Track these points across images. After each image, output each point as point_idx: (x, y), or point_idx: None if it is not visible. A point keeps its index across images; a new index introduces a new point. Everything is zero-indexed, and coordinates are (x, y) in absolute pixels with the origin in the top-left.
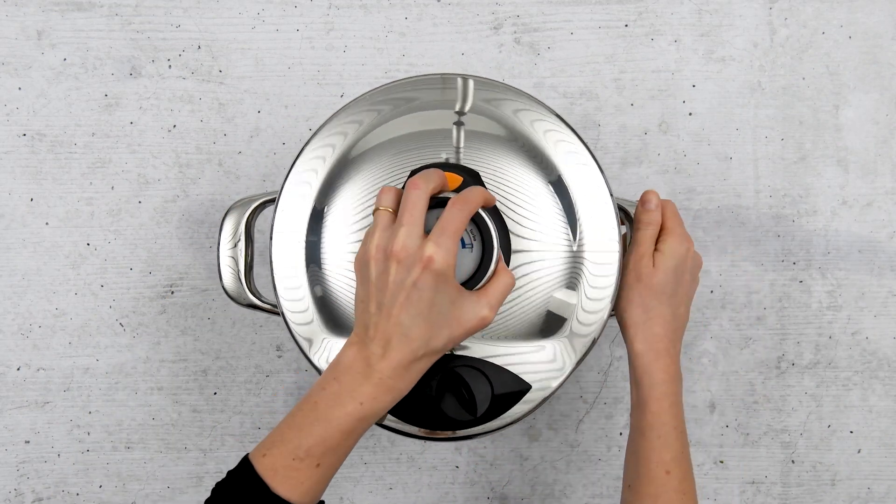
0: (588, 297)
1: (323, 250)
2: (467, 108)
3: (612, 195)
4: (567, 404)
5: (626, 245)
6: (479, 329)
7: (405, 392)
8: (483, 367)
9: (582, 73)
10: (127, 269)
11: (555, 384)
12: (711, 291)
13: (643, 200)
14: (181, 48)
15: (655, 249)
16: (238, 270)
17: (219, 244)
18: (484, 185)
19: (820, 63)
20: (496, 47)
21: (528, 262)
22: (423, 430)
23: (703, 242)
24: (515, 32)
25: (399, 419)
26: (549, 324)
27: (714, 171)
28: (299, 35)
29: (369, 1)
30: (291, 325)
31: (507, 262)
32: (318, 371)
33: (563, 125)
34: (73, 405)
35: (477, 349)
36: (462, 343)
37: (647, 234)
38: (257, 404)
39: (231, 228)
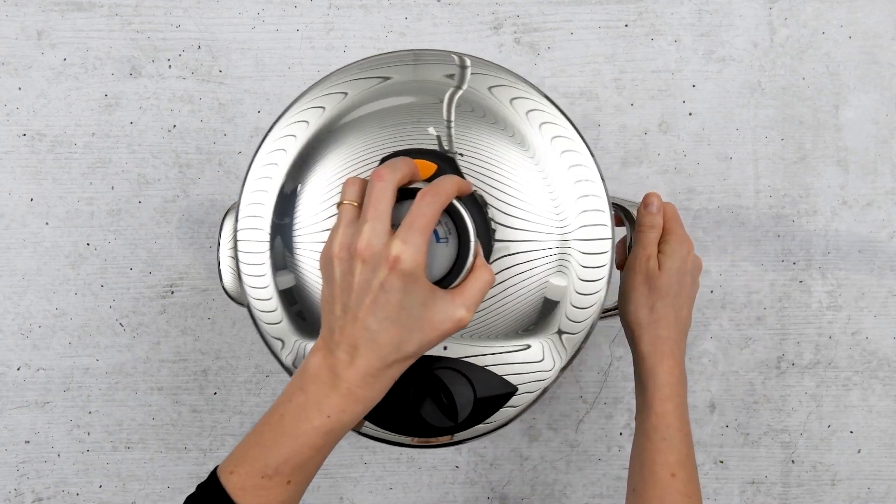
0: (578, 293)
1: (294, 237)
2: (460, 93)
3: (604, 183)
4: (567, 404)
5: (627, 247)
6: (455, 331)
7: (376, 401)
8: (464, 369)
9: (582, 73)
10: (127, 269)
11: (543, 385)
12: (711, 291)
13: (645, 203)
14: (181, 48)
15: (658, 251)
16: (238, 270)
17: (219, 244)
18: (460, 173)
19: (820, 63)
20: (496, 47)
21: (514, 254)
22: (401, 436)
23: (703, 242)
24: (515, 32)
25: (376, 426)
26: (537, 320)
27: (714, 171)
28: (299, 35)
29: (369, 1)
30: (258, 320)
31: (488, 257)
32: (289, 372)
33: (551, 105)
34: (73, 405)
35: (458, 350)
36: (441, 343)
37: (650, 237)
38: (257, 404)
39: (231, 228)
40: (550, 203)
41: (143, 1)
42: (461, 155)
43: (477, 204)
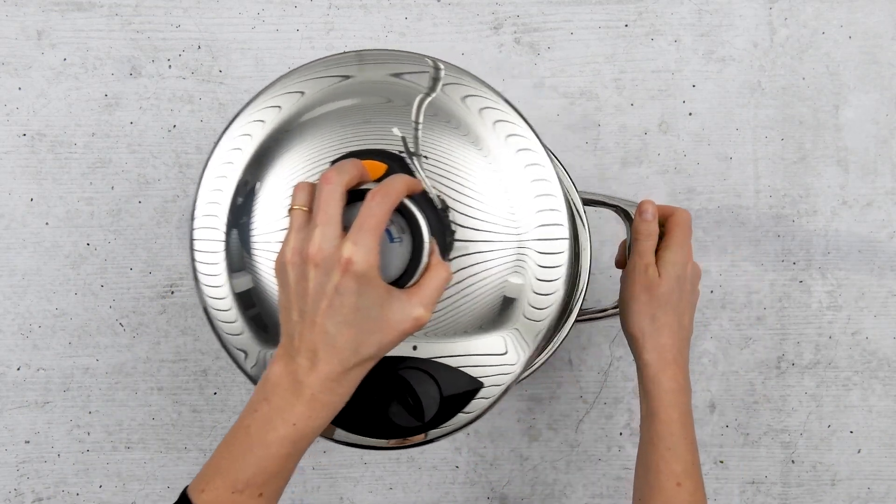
0: (535, 292)
1: (251, 237)
2: (432, 97)
3: (561, 181)
4: (567, 404)
5: (627, 247)
6: (415, 330)
7: (341, 405)
8: (429, 368)
9: (582, 73)
10: (127, 269)
11: (508, 380)
12: (711, 291)
13: (640, 211)
14: (181, 48)
15: (657, 259)
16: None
17: None
18: (411, 172)
19: (820, 63)
20: (496, 47)
21: (473, 253)
22: (372, 440)
23: (703, 242)
24: (515, 32)
25: (345, 430)
26: (499, 315)
27: (714, 171)
28: (299, 35)
29: (369, 1)
30: (215, 320)
31: (446, 253)
32: (251, 379)
33: (505, 103)
34: (73, 405)
35: (422, 349)
36: (411, 344)
37: (648, 246)
38: None
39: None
40: (507, 202)
41: (143, 1)
42: (426, 157)
43: (430, 202)
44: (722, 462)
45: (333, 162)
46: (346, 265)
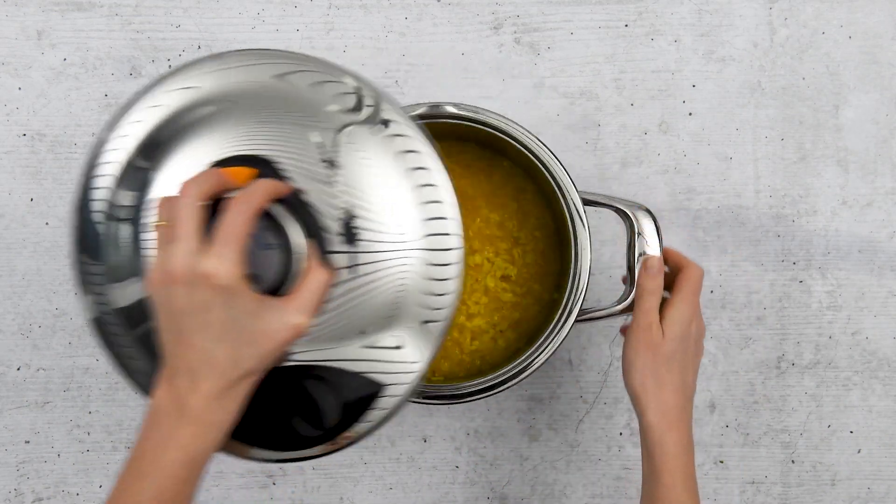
0: (431, 293)
1: (140, 240)
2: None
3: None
4: (567, 404)
5: (629, 248)
6: (296, 338)
7: (230, 422)
8: (326, 374)
9: (582, 73)
10: None
11: (412, 380)
12: (711, 291)
13: (646, 267)
14: (181, 48)
15: (661, 316)
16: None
17: None
18: (279, 175)
19: (820, 63)
20: (496, 47)
21: (366, 252)
22: (275, 452)
23: (704, 242)
24: (515, 32)
25: (247, 444)
26: (395, 316)
27: (714, 171)
28: (299, 35)
29: (369, 1)
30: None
31: (327, 257)
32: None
33: (400, 113)
34: (73, 405)
35: (317, 354)
36: (295, 349)
37: (651, 303)
38: None
39: None
40: (397, 204)
41: (143, 1)
42: (332, 163)
43: (304, 205)
44: (722, 462)
45: (217, 165)
46: (208, 279)
